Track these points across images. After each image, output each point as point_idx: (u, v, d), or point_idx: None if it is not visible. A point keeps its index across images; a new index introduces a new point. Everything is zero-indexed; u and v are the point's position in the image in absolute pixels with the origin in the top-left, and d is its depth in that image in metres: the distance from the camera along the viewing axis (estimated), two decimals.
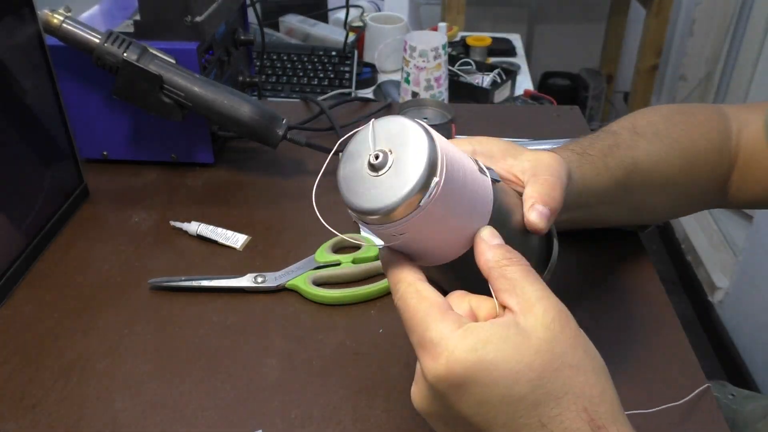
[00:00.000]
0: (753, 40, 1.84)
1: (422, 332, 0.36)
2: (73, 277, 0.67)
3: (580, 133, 0.92)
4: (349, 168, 0.37)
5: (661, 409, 0.52)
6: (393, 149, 0.36)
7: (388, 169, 0.35)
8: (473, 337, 0.34)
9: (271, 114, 0.76)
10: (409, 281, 0.38)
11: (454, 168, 0.36)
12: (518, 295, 0.36)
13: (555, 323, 0.35)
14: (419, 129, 0.36)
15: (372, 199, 0.35)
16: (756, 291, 1.73)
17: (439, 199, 0.35)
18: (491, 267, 0.37)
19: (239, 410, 0.53)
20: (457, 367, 0.34)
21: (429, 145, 0.35)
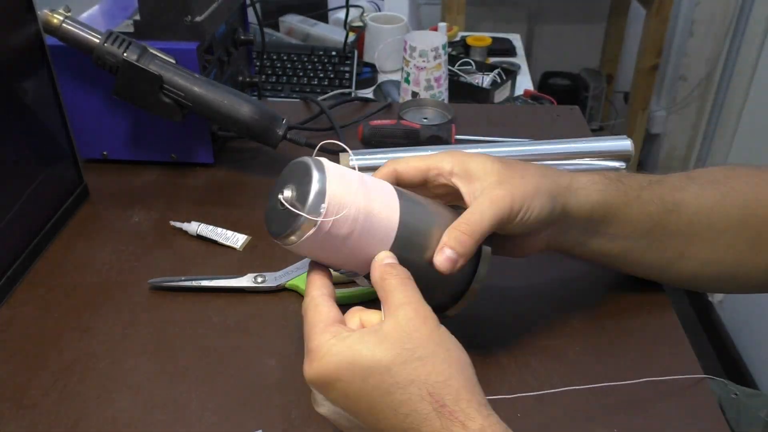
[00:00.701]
0: (753, 40, 1.83)
1: (307, 341, 0.43)
2: (73, 277, 0.67)
3: (580, 133, 0.92)
4: (272, 197, 0.47)
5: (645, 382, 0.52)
6: (295, 189, 0.45)
7: (288, 205, 0.44)
8: (340, 344, 0.42)
9: (271, 114, 0.76)
10: (312, 295, 0.46)
11: (339, 210, 0.44)
12: (387, 303, 0.44)
13: (409, 323, 0.42)
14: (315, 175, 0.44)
15: (275, 226, 0.46)
16: None
17: (318, 236, 0.44)
18: (376, 282, 0.45)
19: (239, 410, 0.53)
20: (322, 369, 0.42)
21: (316, 190, 0.43)
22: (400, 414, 0.40)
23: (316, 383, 0.43)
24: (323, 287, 0.47)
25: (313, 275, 0.48)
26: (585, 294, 0.64)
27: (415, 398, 0.40)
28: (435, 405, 0.40)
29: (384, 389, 0.40)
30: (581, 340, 0.59)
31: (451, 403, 0.40)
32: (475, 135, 0.90)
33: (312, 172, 0.44)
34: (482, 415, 0.40)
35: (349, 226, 0.45)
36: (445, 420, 0.39)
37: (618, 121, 2.40)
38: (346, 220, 0.44)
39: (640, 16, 2.05)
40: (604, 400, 0.53)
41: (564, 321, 0.61)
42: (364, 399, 0.41)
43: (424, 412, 0.40)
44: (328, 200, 0.44)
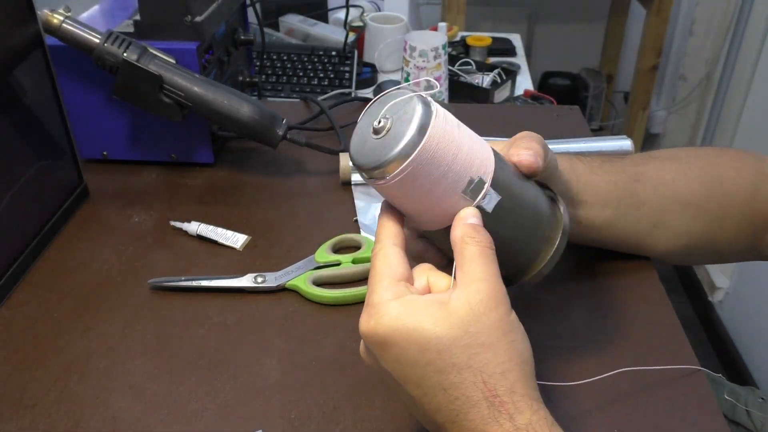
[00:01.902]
0: (753, 40, 1.84)
1: (370, 293, 0.42)
2: (73, 277, 0.67)
3: (580, 133, 0.92)
4: (360, 130, 0.44)
5: (640, 373, 0.52)
6: (394, 117, 0.42)
7: (386, 133, 0.41)
8: (403, 308, 0.40)
9: (271, 114, 0.76)
10: (384, 243, 0.44)
11: (441, 143, 0.41)
12: (464, 273, 0.41)
13: (481, 305, 0.40)
14: (419, 102, 0.41)
15: (367, 157, 0.42)
16: (756, 291, 1.73)
17: (402, 180, 0.41)
18: (455, 242, 0.43)
19: (239, 410, 0.53)
20: (380, 330, 0.40)
21: (421, 117, 0.40)
22: (449, 395, 0.40)
23: (369, 339, 0.41)
24: (396, 236, 0.44)
25: (386, 221, 0.45)
26: (581, 291, 0.64)
27: (469, 383, 0.39)
28: (487, 394, 0.39)
29: (438, 367, 0.39)
30: (580, 338, 0.59)
31: (503, 394, 0.39)
32: None
33: (416, 105, 0.41)
34: (532, 409, 0.40)
35: (445, 168, 0.41)
36: (494, 410, 0.39)
37: (618, 121, 2.40)
38: (443, 159, 0.41)
39: (640, 16, 2.05)
40: (602, 396, 0.53)
41: (561, 319, 0.61)
42: (415, 371, 0.40)
43: (475, 398, 0.39)
44: (430, 133, 0.40)
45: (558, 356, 0.57)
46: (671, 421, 0.52)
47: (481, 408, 0.39)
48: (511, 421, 0.39)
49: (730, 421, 0.81)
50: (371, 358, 0.43)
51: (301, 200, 0.78)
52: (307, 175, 0.83)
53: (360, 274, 0.66)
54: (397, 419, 0.52)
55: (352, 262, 0.66)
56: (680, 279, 2.12)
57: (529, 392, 0.40)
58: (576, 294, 0.64)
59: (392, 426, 0.52)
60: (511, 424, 0.39)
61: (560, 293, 0.65)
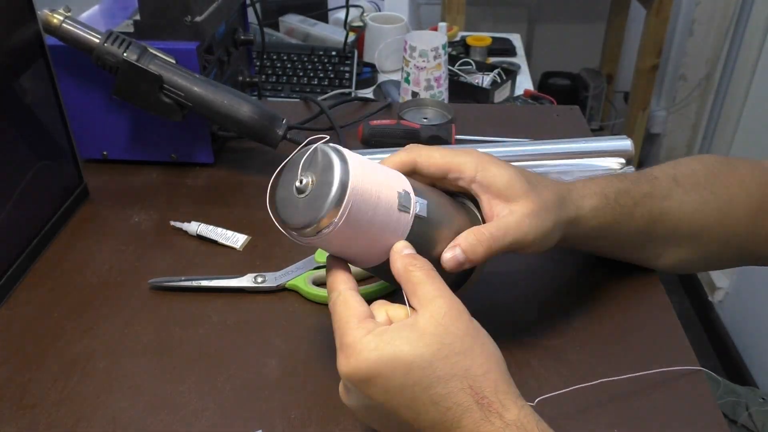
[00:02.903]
0: (753, 40, 1.84)
1: (341, 336, 0.44)
2: (73, 277, 0.67)
3: (580, 133, 0.92)
4: (283, 188, 0.46)
5: (641, 375, 0.52)
6: (315, 177, 0.44)
7: (308, 194, 0.44)
8: (377, 339, 0.42)
9: (270, 114, 0.76)
10: (339, 290, 0.46)
11: (364, 181, 0.44)
12: (418, 297, 0.44)
13: (446, 318, 0.42)
14: (338, 163, 0.43)
15: (292, 218, 0.45)
16: (756, 291, 1.73)
17: (342, 226, 0.43)
18: (400, 274, 0.46)
19: (239, 410, 0.53)
20: (363, 365, 0.42)
21: (340, 180, 0.43)
22: (441, 407, 0.41)
23: (353, 378, 0.42)
24: (348, 281, 0.47)
25: (335, 271, 0.48)
26: (582, 292, 0.64)
27: (457, 391, 0.41)
28: (476, 397, 0.41)
29: (426, 384, 0.41)
30: (580, 338, 0.59)
31: (490, 394, 0.41)
32: (475, 135, 0.90)
33: (333, 161, 0.43)
34: (517, 405, 0.41)
35: (370, 217, 0.44)
36: (485, 411, 0.41)
37: (618, 121, 2.40)
38: (366, 210, 0.44)
39: (640, 15, 2.05)
40: (601, 396, 0.53)
41: (562, 319, 0.61)
42: (404, 394, 0.41)
43: (466, 404, 0.41)
44: (350, 190, 0.43)
45: (558, 356, 0.57)
46: (671, 421, 0.52)
47: (473, 412, 0.41)
48: (501, 418, 0.40)
49: (730, 421, 0.81)
50: (356, 398, 0.45)
51: None
52: None
53: (360, 274, 0.66)
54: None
55: None
56: (680, 279, 2.12)
57: (511, 389, 0.42)
58: (576, 294, 0.64)
59: None
60: (501, 421, 0.40)
61: (560, 293, 0.65)
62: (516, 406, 0.41)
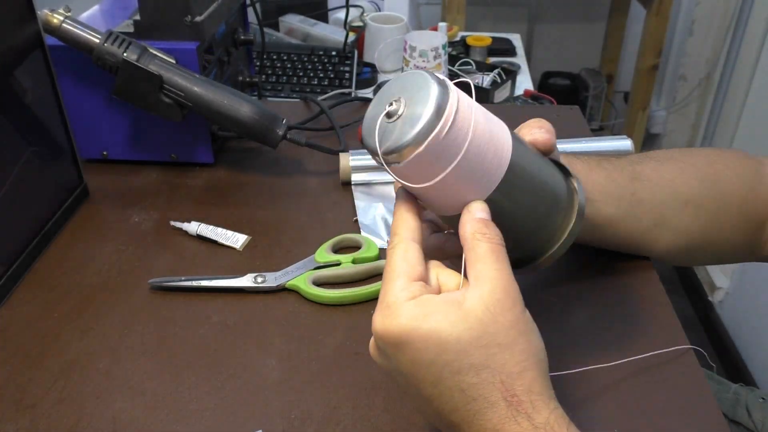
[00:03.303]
0: (753, 40, 1.84)
1: (385, 291, 0.41)
2: (73, 277, 0.67)
3: (580, 133, 0.92)
4: (372, 113, 0.43)
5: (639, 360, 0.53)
6: (408, 100, 0.40)
7: (398, 117, 0.40)
8: (419, 308, 0.40)
9: (271, 114, 0.76)
10: (402, 237, 0.43)
11: (458, 125, 0.39)
12: (477, 271, 0.41)
13: (497, 305, 0.40)
14: (434, 83, 0.40)
15: (381, 141, 0.41)
16: (756, 291, 1.73)
17: (437, 148, 0.39)
18: (466, 239, 0.42)
19: (239, 410, 0.53)
20: (396, 330, 0.40)
21: (437, 98, 0.39)
22: (467, 395, 0.39)
23: (384, 339, 0.41)
24: (415, 231, 0.43)
25: (404, 213, 0.44)
26: (581, 291, 0.64)
27: (487, 384, 0.39)
28: (505, 394, 0.39)
29: (456, 368, 0.39)
30: (579, 338, 0.59)
31: (521, 393, 0.39)
32: None
33: (431, 85, 0.40)
34: (549, 408, 0.40)
35: (461, 151, 0.40)
36: (513, 409, 0.39)
37: (618, 121, 2.40)
38: (460, 141, 0.40)
39: (640, 15, 2.05)
40: (602, 396, 0.53)
41: (561, 319, 0.61)
42: (432, 371, 0.40)
43: (493, 399, 0.39)
44: (446, 115, 0.39)
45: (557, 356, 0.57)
46: (671, 421, 0.52)
47: (500, 408, 0.39)
48: (529, 420, 0.39)
49: (731, 421, 0.81)
50: (383, 357, 0.43)
51: (301, 200, 0.78)
52: (307, 175, 0.83)
53: (360, 274, 0.66)
54: (397, 419, 0.52)
55: (352, 262, 0.66)
56: (680, 279, 2.12)
57: (546, 391, 0.40)
58: (576, 294, 0.64)
59: (392, 426, 0.52)
60: (529, 423, 0.39)
61: (560, 293, 0.65)
62: (547, 409, 0.40)
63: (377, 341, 0.42)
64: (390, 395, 0.54)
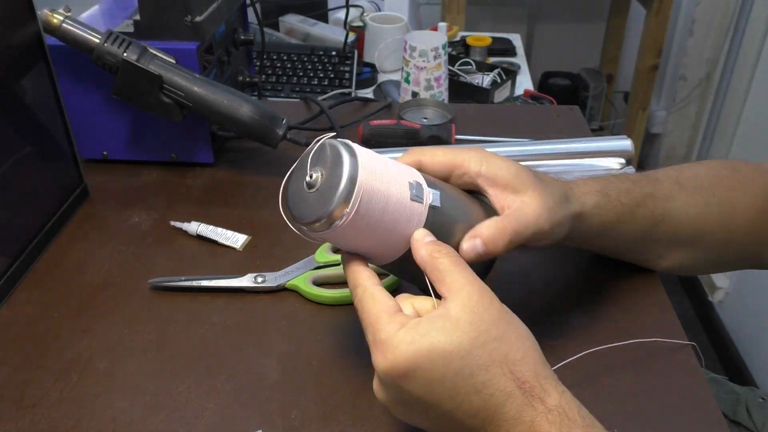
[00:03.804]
0: (753, 40, 1.83)
1: (374, 333, 0.43)
2: (73, 277, 0.67)
3: (580, 133, 0.92)
4: (294, 184, 0.46)
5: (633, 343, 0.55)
6: (324, 172, 0.44)
7: (317, 189, 0.44)
8: (412, 332, 0.41)
9: (270, 114, 0.76)
10: (365, 286, 0.45)
11: (373, 191, 0.43)
12: (447, 284, 0.43)
13: (478, 305, 0.42)
14: (347, 157, 0.43)
15: (302, 213, 0.45)
16: (756, 291, 1.73)
17: (354, 218, 0.43)
18: (425, 261, 0.45)
19: (239, 410, 0.53)
20: (401, 360, 0.41)
21: (348, 160, 0.43)
22: (483, 395, 0.40)
23: (392, 374, 0.42)
24: (370, 277, 0.46)
25: (354, 267, 0.47)
26: (581, 292, 0.64)
27: (498, 377, 0.41)
28: (517, 382, 0.41)
29: (467, 373, 0.40)
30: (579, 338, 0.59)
31: (530, 379, 0.41)
32: (475, 135, 0.90)
33: (342, 155, 0.43)
34: (557, 391, 0.41)
35: (382, 208, 0.44)
36: (527, 395, 0.40)
37: (618, 121, 2.40)
38: (378, 201, 0.44)
39: (640, 15, 2.05)
40: (602, 397, 0.53)
41: (561, 319, 0.61)
42: (445, 385, 0.41)
43: (508, 389, 0.40)
44: (360, 180, 0.43)
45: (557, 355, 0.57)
46: (671, 421, 0.52)
47: (516, 397, 0.40)
48: (543, 403, 0.40)
49: (731, 421, 0.81)
50: (393, 393, 0.43)
51: None
52: None
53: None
54: (397, 419, 0.52)
55: None
56: (680, 279, 2.12)
57: (549, 374, 0.42)
58: (575, 294, 0.64)
59: (392, 426, 0.52)
60: (543, 406, 0.40)
61: (559, 293, 0.65)
62: (556, 392, 0.41)
63: (384, 380, 0.43)
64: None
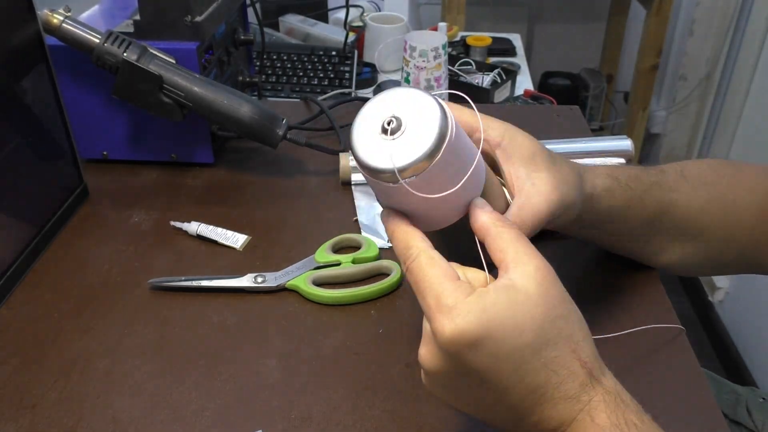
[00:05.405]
0: (753, 40, 1.83)
1: (438, 297, 0.40)
2: (73, 277, 0.67)
3: (580, 133, 0.92)
4: (363, 130, 0.41)
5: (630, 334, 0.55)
6: (405, 117, 0.40)
7: (401, 134, 0.40)
8: (483, 300, 0.39)
9: (271, 114, 0.76)
10: (421, 247, 0.42)
11: (459, 141, 0.41)
12: (510, 255, 0.41)
13: (546, 280, 0.41)
14: (433, 101, 0.40)
15: (384, 160, 0.40)
16: (756, 291, 1.73)
17: (442, 165, 0.40)
18: (488, 227, 0.43)
19: (239, 410, 0.53)
20: (472, 328, 0.38)
21: (441, 117, 0.40)
22: (550, 370, 0.40)
23: (458, 343, 0.39)
24: (425, 239, 0.43)
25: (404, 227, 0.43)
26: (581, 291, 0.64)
27: (566, 354, 0.40)
28: (580, 362, 0.40)
29: (537, 346, 0.39)
30: None
31: (590, 360, 0.41)
32: None
33: (434, 109, 0.40)
34: (610, 375, 0.42)
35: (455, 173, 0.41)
36: (588, 375, 0.40)
37: (618, 121, 2.40)
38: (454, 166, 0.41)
39: (640, 16, 2.05)
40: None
41: None
42: (513, 357, 0.39)
43: (573, 368, 0.40)
44: (448, 141, 0.39)
45: None
46: (671, 421, 0.52)
47: (579, 376, 0.40)
48: (601, 384, 0.40)
49: (731, 421, 0.81)
50: (448, 365, 0.41)
51: (301, 200, 0.78)
52: (307, 175, 0.83)
53: (360, 274, 0.66)
54: (397, 419, 0.52)
55: (352, 262, 0.66)
56: (680, 279, 2.12)
57: (599, 358, 0.42)
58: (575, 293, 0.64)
59: (392, 426, 0.52)
60: (602, 387, 0.40)
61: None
62: (610, 376, 0.41)
63: (446, 348, 0.40)
64: (390, 395, 0.54)
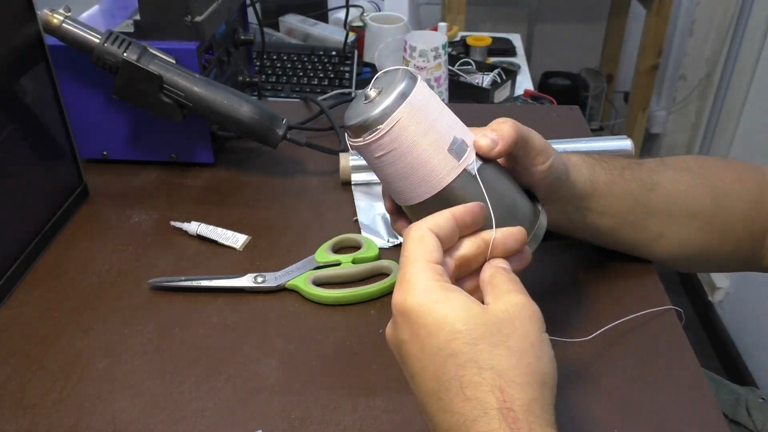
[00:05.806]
0: (753, 40, 1.83)
1: (404, 272, 0.41)
2: (73, 277, 0.67)
3: (580, 133, 0.92)
4: (354, 104, 0.48)
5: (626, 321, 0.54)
6: (383, 86, 0.46)
7: (373, 99, 0.46)
8: (440, 292, 0.40)
9: (270, 114, 0.76)
10: (420, 225, 0.43)
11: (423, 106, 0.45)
12: (506, 289, 0.42)
13: (516, 310, 0.40)
14: (407, 79, 0.45)
15: (349, 117, 0.47)
16: (756, 291, 1.73)
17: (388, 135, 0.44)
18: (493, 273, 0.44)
19: (239, 410, 0.53)
20: (415, 306, 0.39)
21: (405, 83, 0.45)
22: (464, 394, 0.37)
23: (402, 314, 0.40)
24: (434, 225, 0.43)
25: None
26: (581, 292, 0.64)
27: (487, 386, 0.37)
28: (502, 404, 0.36)
29: (461, 361, 0.37)
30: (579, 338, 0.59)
31: (518, 410, 0.36)
32: None
33: (403, 77, 0.45)
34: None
35: (427, 126, 0.45)
36: (506, 425, 0.36)
37: (618, 121, 2.40)
38: (425, 119, 0.45)
39: (640, 16, 2.05)
40: (603, 397, 0.53)
41: (561, 318, 0.61)
42: (436, 361, 0.38)
43: (489, 405, 0.36)
44: (408, 101, 0.44)
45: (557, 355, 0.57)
46: (671, 421, 0.52)
47: (492, 418, 0.36)
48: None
49: (731, 421, 0.81)
50: (395, 335, 0.41)
51: (301, 200, 0.78)
52: (307, 175, 0.83)
53: (360, 274, 0.66)
54: (398, 419, 0.52)
55: (352, 262, 0.66)
56: (680, 279, 2.12)
57: (546, 417, 0.37)
58: (574, 293, 0.64)
59: (393, 426, 0.52)
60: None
61: (558, 292, 0.65)
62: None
63: (395, 317, 0.41)
64: (390, 395, 0.54)
